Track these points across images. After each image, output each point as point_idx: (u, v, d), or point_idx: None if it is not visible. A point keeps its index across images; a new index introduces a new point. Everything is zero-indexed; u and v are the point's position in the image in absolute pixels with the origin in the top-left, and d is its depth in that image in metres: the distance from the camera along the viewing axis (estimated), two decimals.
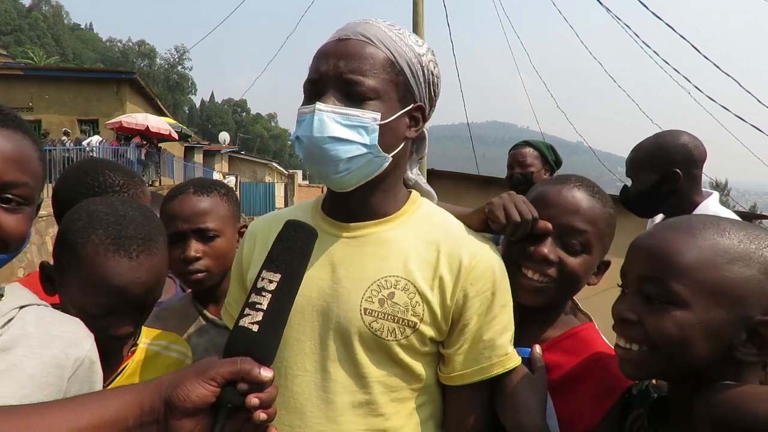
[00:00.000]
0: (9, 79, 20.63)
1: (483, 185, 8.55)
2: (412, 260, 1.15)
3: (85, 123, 20.56)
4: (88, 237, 1.15)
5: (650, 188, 2.26)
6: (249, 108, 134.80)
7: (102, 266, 1.14)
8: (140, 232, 1.19)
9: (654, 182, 2.25)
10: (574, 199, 1.26)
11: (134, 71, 27.93)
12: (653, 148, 2.26)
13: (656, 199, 2.28)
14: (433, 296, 1.14)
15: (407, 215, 1.22)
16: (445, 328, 1.16)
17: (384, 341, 1.12)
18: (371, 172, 1.16)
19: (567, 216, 1.25)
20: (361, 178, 1.15)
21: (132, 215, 1.21)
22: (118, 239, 1.16)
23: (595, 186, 1.32)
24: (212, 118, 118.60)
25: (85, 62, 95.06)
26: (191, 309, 1.67)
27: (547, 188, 1.31)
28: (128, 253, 1.16)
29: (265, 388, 0.85)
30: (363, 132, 1.11)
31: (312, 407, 1.14)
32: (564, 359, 1.24)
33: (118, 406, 0.82)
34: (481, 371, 1.16)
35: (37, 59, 52.45)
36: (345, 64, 1.11)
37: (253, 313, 0.88)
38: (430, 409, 1.21)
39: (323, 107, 1.10)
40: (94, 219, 1.18)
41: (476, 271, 1.15)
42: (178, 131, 22.78)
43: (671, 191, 2.24)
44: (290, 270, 0.92)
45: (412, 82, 1.18)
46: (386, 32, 1.16)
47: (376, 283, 1.14)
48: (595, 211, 1.26)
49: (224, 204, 1.64)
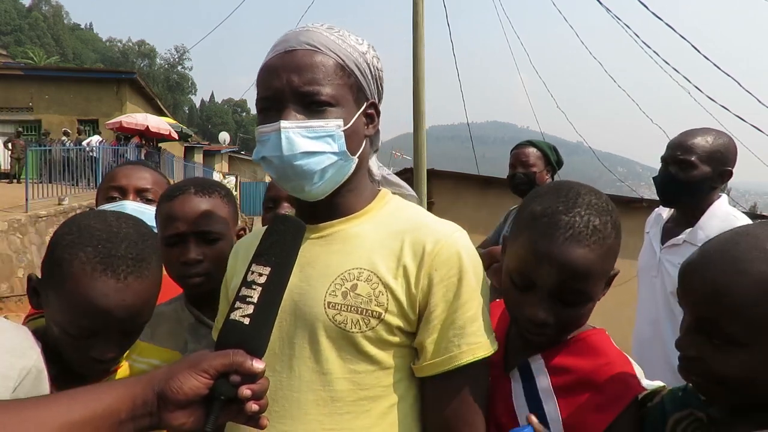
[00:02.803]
0: (9, 79, 20.64)
1: (483, 185, 8.55)
2: (376, 252, 1.15)
3: (85, 123, 20.54)
4: (75, 254, 1.08)
5: (700, 180, 2.29)
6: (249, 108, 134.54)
7: (87, 286, 1.07)
8: (132, 251, 1.11)
9: (707, 176, 2.29)
10: (566, 259, 1.09)
11: (134, 71, 27.95)
12: (715, 144, 2.30)
13: (698, 192, 2.32)
14: (397, 285, 1.12)
15: (374, 211, 1.22)
16: (413, 317, 1.13)
17: (349, 333, 1.11)
18: (342, 177, 1.18)
19: (561, 278, 1.11)
20: (333, 185, 1.17)
21: (126, 233, 1.13)
22: (106, 258, 1.08)
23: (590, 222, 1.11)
24: (212, 118, 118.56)
25: (85, 62, 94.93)
26: (184, 313, 1.61)
27: (534, 243, 1.13)
28: (116, 274, 1.08)
29: (257, 380, 0.87)
30: (330, 141, 1.12)
31: (278, 407, 1.12)
32: (573, 363, 1.20)
33: (111, 400, 0.82)
34: (451, 360, 1.12)
35: (37, 59, 52.46)
36: (299, 77, 1.11)
37: (244, 306, 0.90)
38: (407, 409, 1.17)
39: (288, 124, 1.10)
40: (84, 235, 1.10)
41: (440, 256, 1.12)
42: (178, 131, 22.79)
43: (713, 187, 2.32)
44: (280, 263, 0.93)
45: (363, 82, 1.19)
46: (329, 37, 1.16)
47: (340, 277, 1.13)
48: (592, 261, 1.11)
49: (225, 206, 1.61)
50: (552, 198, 1.16)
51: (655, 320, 2.44)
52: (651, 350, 2.42)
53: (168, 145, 23.73)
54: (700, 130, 2.36)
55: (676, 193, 2.37)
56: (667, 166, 2.36)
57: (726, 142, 2.33)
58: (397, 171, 10.34)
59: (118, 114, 19.45)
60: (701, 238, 2.28)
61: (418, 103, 7.97)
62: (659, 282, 2.44)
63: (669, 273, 2.38)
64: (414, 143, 7.95)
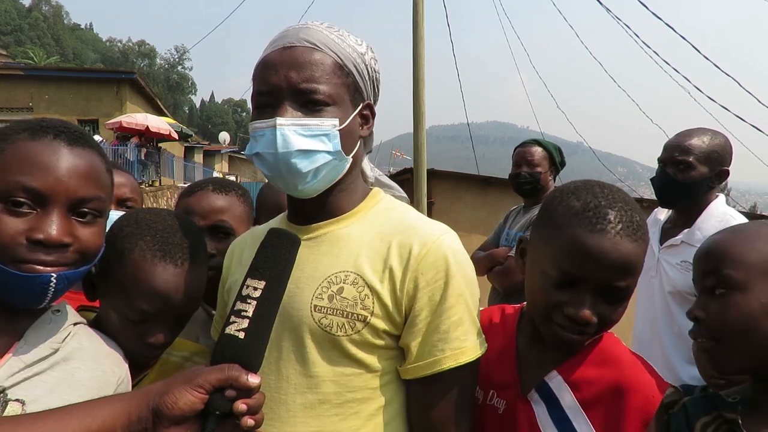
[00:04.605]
0: (9, 79, 20.61)
1: (483, 185, 8.55)
2: (363, 254, 1.14)
3: (85, 123, 20.52)
4: (136, 242, 1.19)
5: (699, 181, 2.30)
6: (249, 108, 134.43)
7: (148, 271, 1.17)
8: (185, 241, 1.23)
9: (705, 176, 2.30)
10: (619, 254, 1.07)
11: (134, 71, 27.92)
12: (712, 144, 2.31)
13: (696, 192, 2.33)
14: (382, 288, 1.11)
15: (364, 211, 1.22)
16: (399, 320, 1.12)
17: (334, 337, 1.10)
18: (335, 176, 1.18)
19: (610, 272, 1.08)
20: (326, 184, 1.17)
21: (179, 226, 1.26)
22: (165, 246, 1.20)
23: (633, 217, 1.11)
24: (212, 118, 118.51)
25: (85, 62, 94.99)
26: (198, 310, 1.66)
27: (583, 237, 1.09)
28: (174, 260, 1.19)
29: (252, 394, 0.87)
30: (325, 140, 1.12)
31: (266, 409, 1.11)
32: (594, 374, 1.17)
33: (106, 416, 0.83)
34: (434, 364, 1.11)
35: (37, 59, 52.41)
36: (297, 74, 1.10)
37: (239, 320, 0.89)
38: (394, 411, 1.16)
39: (284, 121, 1.09)
40: (142, 226, 1.22)
41: (427, 259, 1.11)
42: (178, 131, 22.77)
43: (711, 187, 2.33)
44: (274, 277, 0.93)
45: (360, 82, 1.19)
46: (329, 35, 1.16)
47: (327, 280, 1.13)
48: (640, 257, 1.10)
49: (241, 204, 1.67)
50: (589, 194, 1.13)
51: (653, 319, 2.44)
52: (650, 349, 2.43)
53: (168, 145, 23.73)
54: (696, 130, 2.36)
55: (674, 194, 2.37)
56: (665, 168, 2.37)
57: (722, 142, 2.34)
58: (397, 171, 10.35)
59: (118, 114, 19.44)
60: (698, 238, 2.28)
61: (418, 103, 7.96)
62: (657, 282, 2.44)
63: (667, 273, 2.38)
64: (414, 143, 7.94)
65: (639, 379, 1.15)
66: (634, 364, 1.18)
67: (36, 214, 0.96)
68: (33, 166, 0.96)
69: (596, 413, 1.14)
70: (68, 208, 0.98)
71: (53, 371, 1.01)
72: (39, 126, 1.01)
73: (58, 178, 0.97)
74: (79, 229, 1.00)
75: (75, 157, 1.00)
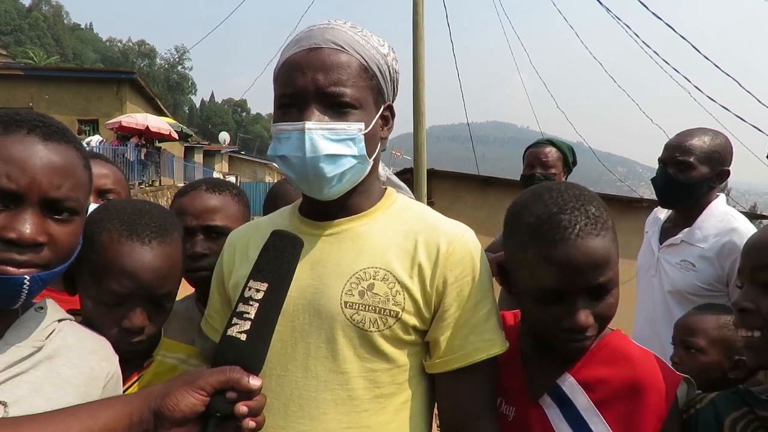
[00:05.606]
0: (9, 79, 20.60)
1: (483, 185, 8.57)
2: (390, 251, 1.15)
3: (85, 123, 20.52)
4: (104, 226, 1.21)
5: (700, 181, 2.30)
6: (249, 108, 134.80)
7: (114, 250, 1.18)
8: (154, 221, 1.25)
9: (706, 176, 2.30)
10: (587, 256, 1.08)
11: (134, 71, 27.90)
12: (713, 144, 2.32)
13: (697, 192, 2.33)
14: (413, 284, 1.13)
15: (382, 210, 1.23)
16: (428, 316, 1.15)
17: (367, 332, 1.12)
18: (358, 179, 1.18)
19: (587, 275, 1.09)
20: (349, 187, 1.18)
21: (148, 209, 1.27)
22: (131, 226, 1.21)
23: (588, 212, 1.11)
24: (212, 118, 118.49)
25: (85, 62, 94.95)
26: (195, 312, 1.63)
27: (549, 253, 1.09)
28: (140, 239, 1.21)
29: (253, 397, 0.87)
30: (351, 144, 1.12)
31: (295, 407, 1.13)
32: (606, 373, 1.17)
33: (107, 418, 0.83)
34: (465, 356, 1.13)
35: (37, 59, 52.37)
36: (324, 77, 1.09)
37: (240, 322, 0.89)
38: (418, 404, 1.19)
39: (312, 125, 1.08)
40: (111, 211, 1.25)
41: (454, 256, 1.14)
42: (178, 131, 22.76)
43: (711, 187, 2.34)
44: (277, 279, 0.93)
45: (383, 84, 1.19)
46: (354, 36, 1.15)
47: (356, 276, 1.14)
48: (609, 248, 1.10)
49: (235, 204, 1.65)
50: (539, 204, 1.13)
51: (653, 319, 2.44)
52: (649, 348, 2.42)
53: (168, 145, 23.72)
54: (696, 130, 2.36)
55: (675, 194, 2.38)
56: (666, 168, 2.37)
57: (723, 142, 2.34)
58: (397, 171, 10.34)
59: (118, 114, 19.42)
60: (698, 237, 2.29)
61: (418, 103, 7.97)
62: (657, 281, 2.44)
63: (667, 272, 2.38)
64: (414, 143, 7.94)
65: (653, 374, 1.15)
66: (646, 359, 1.19)
67: (8, 212, 0.92)
68: (5, 162, 0.92)
69: (612, 412, 1.14)
70: (43, 207, 0.95)
71: (36, 370, 0.99)
72: (13, 120, 0.96)
73: (31, 175, 0.93)
74: (54, 228, 0.96)
75: (50, 153, 0.96)
